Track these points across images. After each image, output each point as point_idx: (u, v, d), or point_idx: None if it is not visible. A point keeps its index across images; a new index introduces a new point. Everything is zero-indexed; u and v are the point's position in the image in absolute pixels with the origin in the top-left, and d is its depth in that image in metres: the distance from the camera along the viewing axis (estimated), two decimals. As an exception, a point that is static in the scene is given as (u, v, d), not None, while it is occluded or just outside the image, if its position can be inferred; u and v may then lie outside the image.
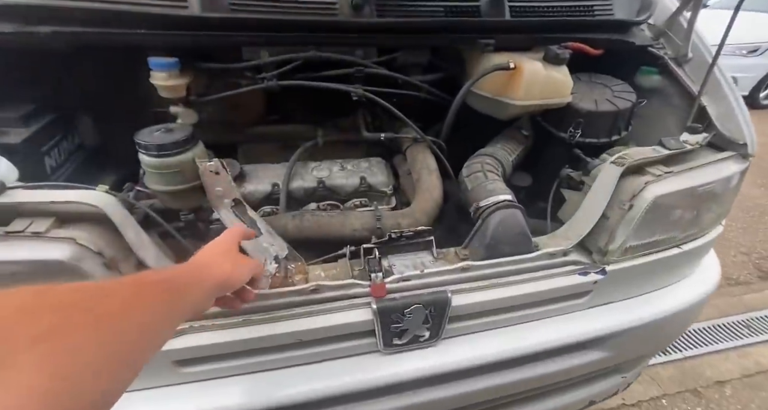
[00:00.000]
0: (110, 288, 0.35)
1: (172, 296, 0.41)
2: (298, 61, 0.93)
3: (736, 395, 1.88)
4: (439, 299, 0.75)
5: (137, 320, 0.35)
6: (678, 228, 0.89)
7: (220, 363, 0.70)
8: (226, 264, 0.51)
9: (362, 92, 0.98)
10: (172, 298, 0.41)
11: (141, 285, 0.38)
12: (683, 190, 0.82)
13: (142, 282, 0.38)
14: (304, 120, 1.32)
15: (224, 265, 0.51)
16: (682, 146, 0.88)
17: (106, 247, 0.58)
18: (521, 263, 0.82)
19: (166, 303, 0.39)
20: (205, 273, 0.48)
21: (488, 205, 0.83)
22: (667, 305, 0.95)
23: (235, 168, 1.02)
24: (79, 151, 0.96)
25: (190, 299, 0.44)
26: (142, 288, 0.38)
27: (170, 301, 0.40)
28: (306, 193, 1.04)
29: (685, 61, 1.08)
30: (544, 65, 0.96)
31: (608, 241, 0.85)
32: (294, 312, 0.70)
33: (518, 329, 0.87)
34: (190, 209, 0.78)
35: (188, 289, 0.44)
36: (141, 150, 0.67)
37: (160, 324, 0.38)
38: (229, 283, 0.52)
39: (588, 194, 0.89)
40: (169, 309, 0.40)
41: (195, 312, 0.46)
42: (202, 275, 0.47)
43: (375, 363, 0.78)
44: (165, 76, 0.81)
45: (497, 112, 1.05)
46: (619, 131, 1.08)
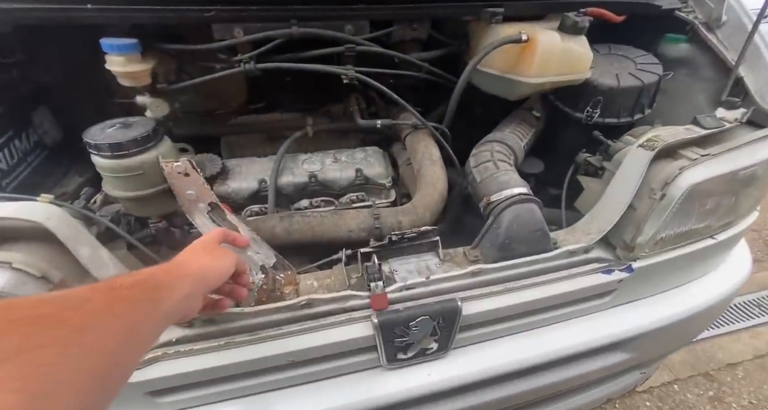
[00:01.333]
0: (80, 297, 0.32)
1: (151, 295, 0.39)
2: (278, 39, 0.81)
3: (748, 377, 1.85)
4: (448, 308, 0.66)
5: (113, 328, 0.33)
6: (713, 216, 0.79)
7: (202, 390, 0.62)
8: (204, 258, 0.49)
9: (354, 74, 0.86)
10: (151, 297, 0.39)
11: (114, 289, 0.36)
12: (723, 175, 0.72)
13: (115, 287, 0.36)
14: (292, 108, 1.21)
15: (202, 259, 0.49)
16: (720, 124, 0.78)
17: (52, 270, 0.48)
18: (539, 263, 0.73)
19: (145, 304, 0.38)
20: (183, 269, 0.46)
21: (501, 200, 0.73)
22: (697, 301, 0.87)
23: (215, 164, 0.92)
24: (37, 151, 0.86)
25: (171, 297, 0.41)
26: (116, 292, 0.35)
27: (149, 301, 0.38)
28: (297, 188, 0.95)
29: (718, 26, 0.95)
30: (560, 36, 0.84)
31: (635, 235, 0.75)
32: (284, 330, 0.62)
33: (534, 334, 0.79)
34: (161, 216, 0.68)
35: (167, 287, 0.41)
36: (92, 150, 0.57)
37: (140, 327, 0.36)
38: (211, 277, 0.49)
39: (611, 182, 0.79)
40: (149, 310, 0.38)
41: (182, 312, 0.44)
42: (179, 271, 0.45)
43: (378, 379, 0.70)
44: (123, 60, 0.70)
45: (507, 91, 0.93)
46: (643, 109, 0.97)
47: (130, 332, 0.34)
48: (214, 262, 0.50)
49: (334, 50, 0.87)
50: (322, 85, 1.15)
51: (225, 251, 0.54)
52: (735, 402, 1.72)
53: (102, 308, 0.33)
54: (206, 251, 0.51)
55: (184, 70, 0.93)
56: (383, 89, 0.88)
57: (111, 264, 0.54)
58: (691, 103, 0.96)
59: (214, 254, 0.51)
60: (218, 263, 0.51)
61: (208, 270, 0.49)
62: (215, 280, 0.50)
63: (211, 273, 0.49)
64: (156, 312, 0.39)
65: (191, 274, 0.46)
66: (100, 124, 0.60)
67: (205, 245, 0.52)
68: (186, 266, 0.46)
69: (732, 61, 0.88)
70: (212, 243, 0.53)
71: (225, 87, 1.07)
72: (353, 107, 1.08)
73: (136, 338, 0.36)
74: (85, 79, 0.92)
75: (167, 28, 0.79)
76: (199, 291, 0.47)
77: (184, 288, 0.44)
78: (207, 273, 0.48)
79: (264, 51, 0.82)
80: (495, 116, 1.06)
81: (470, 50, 0.99)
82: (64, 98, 0.94)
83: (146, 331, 0.38)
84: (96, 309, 0.32)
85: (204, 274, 0.48)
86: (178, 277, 0.44)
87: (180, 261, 0.48)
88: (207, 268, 0.48)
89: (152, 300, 0.39)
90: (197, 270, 0.47)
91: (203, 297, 0.49)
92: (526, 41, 0.82)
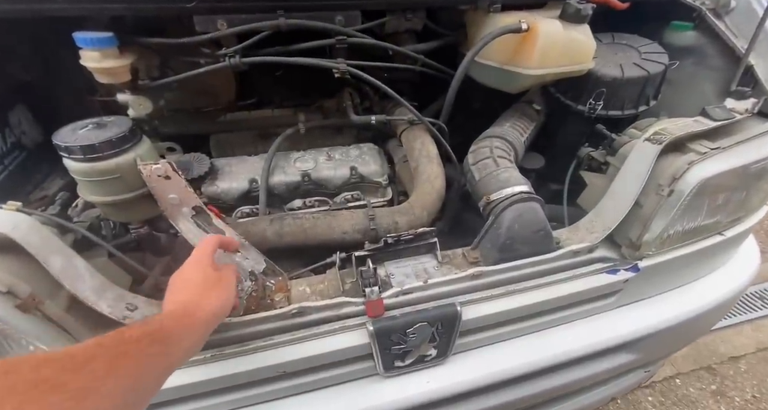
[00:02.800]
0: (87, 354, 0.32)
1: (161, 349, 0.38)
2: (264, 31, 0.76)
3: (751, 370, 1.83)
4: (447, 314, 0.63)
5: (116, 389, 0.32)
6: (723, 212, 0.76)
7: (189, 404, 0.59)
8: (211, 299, 0.47)
9: (346, 67, 0.82)
10: (160, 351, 0.38)
11: (122, 344, 0.35)
12: (734, 168, 0.69)
13: (123, 341, 0.35)
14: (284, 104, 1.16)
15: (209, 301, 0.47)
16: (730, 116, 0.74)
17: (20, 283, 0.45)
18: (541, 264, 0.70)
19: (152, 359, 0.37)
20: (190, 317, 0.44)
21: (501, 199, 0.70)
22: (704, 300, 0.84)
23: (204, 163, 0.88)
24: (16, 152, 0.82)
25: (182, 346, 0.41)
26: (123, 347, 0.34)
27: (159, 355, 0.37)
28: (289, 188, 0.91)
29: (727, 12, 0.91)
30: (562, 24, 0.80)
31: (642, 233, 0.72)
32: (275, 340, 0.58)
33: (536, 337, 0.76)
34: (142, 221, 0.65)
35: (176, 338, 0.40)
36: (62, 153, 0.53)
37: (146, 381, 0.36)
38: (220, 317, 0.48)
39: (616, 178, 0.75)
40: (159, 363, 0.37)
41: (189, 357, 0.43)
42: (187, 320, 0.44)
43: (375, 388, 0.67)
44: (98, 55, 0.65)
45: (506, 84, 0.89)
46: (648, 101, 0.93)
47: (134, 388, 0.34)
48: (222, 299, 0.48)
49: (324, 43, 0.82)
50: (313, 79, 1.10)
51: (227, 278, 0.51)
52: (738, 396, 1.71)
53: (106, 368, 0.32)
54: (210, 285, 0.48)
55: (168, 65, 0.89)
56: (377, 83, 0.84)
57: (88, 274, 0.51)
58: (698, 93, 0.92)
59: (219, 287, 0.49)
60: (226, 297, 0.49)
61: (218, 311, 0.47)
62: (226, 315, 0.49)
63: (223, 311, 0.48)
64: (165, 364, 0.38)
65: (202, 321, 0.45)
66: (71, 124, 0.56)
67: (207, 276, 0.49)
68: (196, 311, 0.45)
69: (741, 49, 0.84)
70: (211, 269, 0.50)
71: (212, 83, 1.03)
72: (346, 102, 1.04)
73: (140, 392, 0.35)
74: (65, 75, 0.88)
75: (147, 21, 0.74)
76: (209, 333, 0.46)
77: (194, 337, 0.43)
78: (219, 314, 0.47)
79: (250, 44, 0.77)
80: (494, 110, 1.02)
81: (468, 41, 0.94)
82: (43, 96, 0.89)
83: (152, 383, 0.37)
84: (97, 370, 0.31)
85: (216, 317, 0.47)
86: (188, 327, 0.43)
87: (188, 305, 0.45)
88: (217, 309, 0.47)
89: (161, 353, 0.38)
90: (208, 316, 0.46)
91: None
92: (527, 31, 0.78)
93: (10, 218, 0.46)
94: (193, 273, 0.49)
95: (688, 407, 1.68)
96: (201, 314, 0.45)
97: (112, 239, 0.70)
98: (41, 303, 0.46)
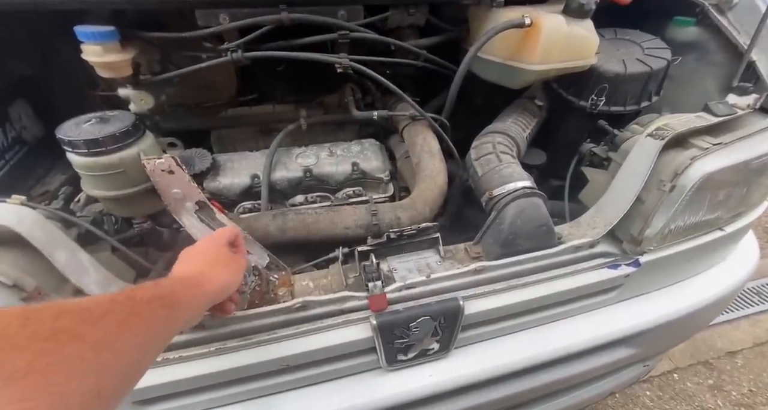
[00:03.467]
0: (102, 309, 0.32)
1: (168, 312, 0.38)
2: (266, 26, 0.76)
3: (747, 365, 1.85)
4: (450, 308, 0.64)
5: (132, 343, 0.32)
6: (724, 208, 0.76)
7: (193, 397, 0.60)
8: (220, 275, 0.48)
9: (348, 62, 0.81)
10: (168, 315, 0.38)
11: (134, 303, 0.35)
12: (736, 164, 0.69)
13: (135, 301, 0.35)
14: (285, 99, 1.16)
15: (218, 276, 0.48)
16: (732, 111, 0.74)
17: (25, 277, 0.45)
18: (543, 259, 0.70)
19: (161, 321, 0.37)
20: (199, 287, 0.45)
21: (504, 194, 0.70)
22: (704, 295, 0.85)
23: (205, 159, 0.88)
24: (16, 147, 0.81)
25: (184, 315, 0.41)
26: (136, 307, 0.35)
27: (165, 318, 0.38)
28: (291, 184, 0.91)
29: (729, 8, 0.90)
30: (565, 19, 0.80)
31: (643, 228, 0.72)
32: (278, 334, 0.59)
33: (537, 332, 0.77)
34: (145, 216, 0.65)
35: (185, 305, 0.41)
36: (66, 147, 0.53)
37: (154, 343, 0.36)
38: (226, 293, 0.49)
39: (618, 173, 0.76)
40: (164, 327, 0.38)
41: (189, 325, 0.45)
42: (196, 289, 0.44)
43: (378, 381, 0.68)
44: (99, 49, 0.65)
45: (509, 79, 0.89)
46: (650, 96, 0.93)
47: (142, 349, 0.34)
48: (230, 278, 0.49)
49: (326, 37, 0.82)
50: (315, 75, 1.10)
51: (238, 261, 0.52)
52: (735, 390, 1.72)
53: (120, 324, 0.32)
54: (222, 263, 0.50)
55: (170, 60, 0.88)
56: (379, 78, 0.84)
57: (92, 268, 0.51)
58: (700, 89, 0.92)
59: (229, 267, 0.50)
60: (234, 279, 0.50)
61: (225, 287, 0.48)
62: (228, 295, 0.50)
63: (227, 290, 0.49)
64: (170, 328, 0.39)
65: (210, 293, 0.46)
66: (74, 118, 0.56)
67: (220, 254, 0.51)
68: (205, 283, 0.46)
69: (744, 45, 0.84)
70: (225, 249, 0.52)
71: (214, 78, 1.02)
72: (348, 98, 1.04)
73: (146, 354, 0.35)
74: (66, 70, 0.87)
75: (148, 15, 0.74)
76: (208, 307, 0.47)
77: (199, 306, 0.44)
78: (224, 290, 0.48)
79: (252, 39, 0.77)
80: (496, 106, 1.02)
81: (470, 37, 0.94)
82: (43, 91, 0.89)
83: (157, 347, 0.37)
84: (114, 324, 0.32)
85: (221, 292, 0.48)
86: (196, 296, 0.44)
87: (198, 276, 0.46)
88: (224, 285, 0.48)
89: (169, 317, 0.38)
90: (215, 289, 0.46)
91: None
92: (530, 25, 0.78)
93: (14, 212, 0.46)
94: (207, 248, 0.51)
95: (686, 401, 1.69)
96: (209, 286, 0.46)
97: (115, 234, 0.70)
98: (47, 296, 0.46)
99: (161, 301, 0.37)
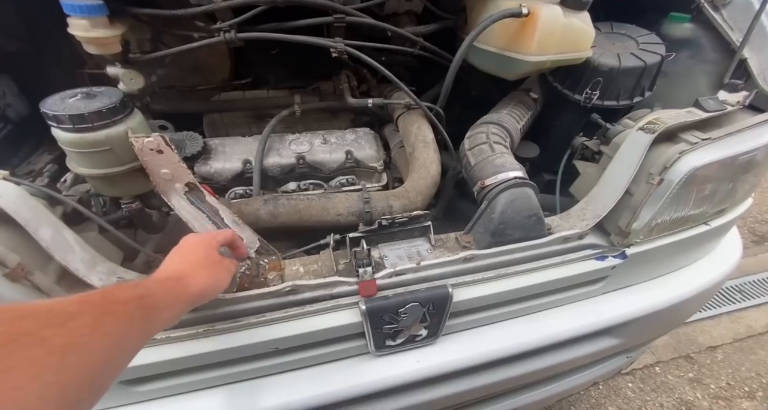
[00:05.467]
0: (69, 311, 0.30)
1: (145, 313, 0.37)
2: (261, 6, 0.74)
3: (727, 359, 1.91)
4: (439, 295, 0.64)
5: (96, 348, 0.31)
6: (710, 203, 0.77)
7: (181, 378, 0.60)
8: (204, 278, 0.47)
9: (343, 47, 0.80)
10: (145, 315, 0.37)
11: (109, 304, 0.34)
12: (723, 159, 0.70)
13: (110, 299, 0.34)
14: (279, 85, 1.14)
15: (202, 278, 0.47)
16: (722, 107, 0.75)
17: (8, 253, 0.44)
18: (532, 249, 0.71)
19: (137, 323, 0.36)
20: (182, 288, 0.44)
21: (496, 184, 0.70)
22: (687, 288, 0.87)
23: (196, 142, 0.87)
24: (0, 125, 0.79)
25: (163, 317, 0.40)
26: (108, 307, 0.34)
27: (142, 319, 0.37)
28: (283, 170, 0.91)
29: (724, 5, 0.91)
30: (563, 11, 0.79)
31: (631, 221, 0.73)
32: (267, 317, 0.59)
33: (524, 321, 0.78)
34: (133, 196, 0.64)
35: (164, 307, 0.40)
36: (50, 122, 0.51)
37: (126, 345, 0.35)
38: (208, 297, 0.48)
39: (609, 166, 0.76)
40: (140, 328, 0.37)
41: (166, 327, 0.43)
42: (177, 291, 0.44)
43: (366, 366, 0.69)
44: (86, 24, 0.63)
45: (505, 70, 0.88)
46: (643, 92, 0.94)
47: (114, 350, 0.33)
48: (215, 282, 0.48)
49: (322, 20, 0.81)
50: (310, 60, 1.09)
51: (226, 266, 0.51)
52: (713, 384, 1.78)
53: (88, 326, 0.31)
54: (208, 265, 0.48)
55: (162, 40, 0.86)
56: (374, 64, 0.83)
57: (78, 246, 0.50)
58: (693, 85, 0.93)
59: (216, 270, 0.49)
60: (218, 283, 0.49)
61: (208, 291, 0.47)
62: (209, 299, 0.49)
63: (210, 294, 0.48)
64: (147, 330, 0.38)
65: (191, 296, 0.45)
66: (59, 93, 0.54)
67: (209, 256, 0.49)
68: (187, 285, 0.45)
69: (737, 42, 0.85)
70: (215, 252, 0.51)
71: (207, 60, 1.01)
72: (343, 85, 1.03)
73: (119, 355, 0.34)
74: (53, 46, 0.85)
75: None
76: (189, 309, 0.46)
77: (179, 309, 0.43)
78: (206, 294, 0.47)
79: (246, 19, 0.75)
80: (491, 99, 1.02)
81: (468, 25, 0.93)
82: (29, 67, 0.86)
83: (131, 348, 0.36)
84: (81, 326, 0.30)
85: (203, 295, 0.47)
86: (177, 299, 0.43)
87: (181, 277, 0.45)
88: (208, 289, 0.47)
89: (146, 318, 0.37)
90: (197, 292, 0.45)
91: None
92: (527, 15, 0.78)
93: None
94: (196, 248, 0.50)
95: (666, 393, 1.74)
96: (193, 288, 0.45)
97: (103, 216, 0.69)
98: (30, 273, 0.45)
99: (138, 302, 0.36)
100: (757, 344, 1.99)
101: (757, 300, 2.20)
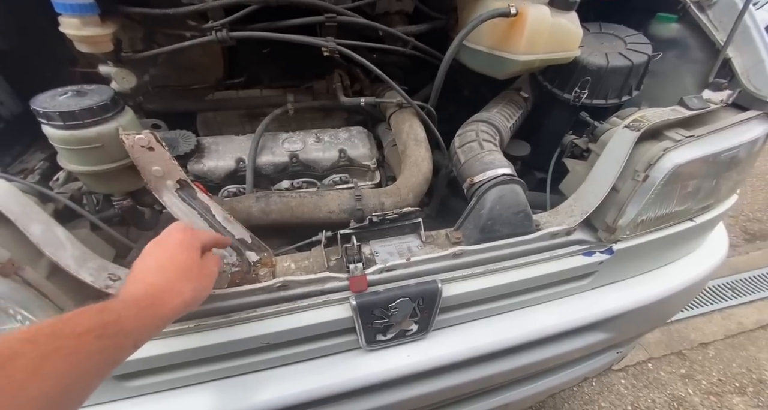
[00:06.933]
0: (7, 354, 0.28)
1: (109, 343, 0.34)
2: (252, 5, 0.75)
3: (718, 355, 1.93)
4: (429, 290, 0.65)
5: (45, 389, 0.28)
6: (694, 199, 0.79)
7: (173, 373, 0.60)
8: (187, 291, 0.43)
9: (335, 46, 0.81)
10: (110, 345, 0.34)
11: (57, 339, 0.30)
12: (706, 156, 0.72)
13: (60, 336, 0.31)
14: (272, 84, 1.15)
15: (183, 293, 0.43)
16: (705, 105, 0.77)
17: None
18: (520, 245, 0.72)
19: (95, 356, 0.32)
20: (159, 306, 0.40)
21: (484, 181, 0.71)
22: (673, 283, 0.88)
23: (189, 141, 0.87)
24: (-8, 124, 0.79)
25: (132, 342, 0.37)
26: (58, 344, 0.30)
27: (104, 349, 0.33)
28: (276, 168, 0.91)
29: (710, 6, 0.93)
30: (551, 11, 0.81)
31: (617, 217, 0.75)
32: (258, 312, 0.59)
33: (514, 316, 0.79)
34: (124, 193, 0.64)
35: (134, 332, 0.36)
36: (41, 119, 0.52)
37: (81, 381, 0.32)
38: (189, 309, 0.44)
39: (596, 164, 0.78)
40: (100, 360, 0.33)
41: (140, 347, 0.39)
42: (154, 310, 0.39)
43: (357, 361, 0.69)
44: (77, 22, 0.63)
45: (494, 69, 0.90)
46: (630, 91, 0.95)
47: (63, 390, 0.30)
48: (197, 293, 0.44)
49: (314, 20, 0.82)
50: (303, 60, 1.09)
51: (208, 271, 0.48)
52: (705, 380, 1.80)
53: (29, 369, 0.28)
54: (191, 276, 0.44)
55: (153, 40, 0.87)
56: (367, 64, 0.84)
57: (68, 243, 0.51)
58: (679, 85, 0.95)
59: (198, 280, 0.45)
60: (200, 293, 0.45)
61: (190, 302, 0.43)
62: (193, 309, 0.45)
63: (192, 307, 0.44)
64: (112, 359, 0.35)
65: (171, 311, 0.41)
66: (50, 90, 0.55)
67: (190, 263, 0.45)
68: (165, 302, 0.40)
69: (721, 42, 0.87)
70: (196, 254, 0.46)
71: (200, 60, 1.01)
72: (336, 84, 1.03)
73: (71, 393, 0.31)
74: (44, 44, 0.85)
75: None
76: (170, 323, 0.42)
77: (157, 329, 0.39)
78: (189, 307, 0.44)
79: (238, 18, 0.76)
80: (483, 98, 1.03)
81: (458, 25, 0.95)
82: (21, 66, 0.87)
83: (87, 383, 0.33)
84: (20, 371, 0.27)
85: (186, 309, 0.43)
86: (152, 318, 0.39)
87: (158, 294, 0.41)
88: (190, 301, 0.43)
89: (111, 347, 0.34)
90: (180, 306, 0.42)
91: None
92: (515, 15, 0.79)
93: (-13, 183, 0.46)
94: (177, 252, 0.45)
95: (658, 389, 1.76)
96: (175, 303, 0.41)
97: (95, 214, 0.69)
98: (20, 268, 0.46)
99: (99, 332, 0.33)
100: (748, 340, 2.01)
101: (748, 297, 2.23)
